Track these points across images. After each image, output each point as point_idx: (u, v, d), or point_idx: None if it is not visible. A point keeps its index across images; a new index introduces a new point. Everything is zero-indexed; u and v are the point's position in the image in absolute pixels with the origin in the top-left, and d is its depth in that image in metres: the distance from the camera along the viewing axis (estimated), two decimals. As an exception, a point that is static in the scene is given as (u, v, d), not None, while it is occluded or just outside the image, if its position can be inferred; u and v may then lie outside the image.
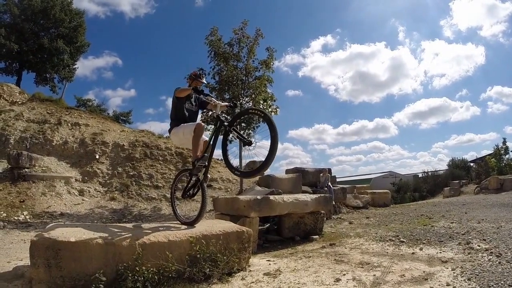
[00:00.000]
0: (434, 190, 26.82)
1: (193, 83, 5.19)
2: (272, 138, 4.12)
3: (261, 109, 4.33)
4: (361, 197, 15.67)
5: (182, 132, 4.98)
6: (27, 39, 22.83)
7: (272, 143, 4.12)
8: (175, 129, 5.07)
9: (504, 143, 25.33)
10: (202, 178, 4.90)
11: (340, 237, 7.63)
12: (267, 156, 4.16)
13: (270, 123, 4.22)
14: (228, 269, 4.28)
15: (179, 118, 5.08)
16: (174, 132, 5.09)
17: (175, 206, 5.46)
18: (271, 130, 4.16)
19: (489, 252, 5.02)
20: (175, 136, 5.14)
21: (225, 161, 4.83)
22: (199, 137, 4.82)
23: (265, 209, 7.06)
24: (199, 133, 4.81)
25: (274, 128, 4.16)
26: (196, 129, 4.80)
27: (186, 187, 5.23)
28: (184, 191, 5.23)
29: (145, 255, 3.80)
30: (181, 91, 4.89)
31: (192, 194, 5.16)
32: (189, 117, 5.13)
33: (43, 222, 10.24)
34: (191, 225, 4.83)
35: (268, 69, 13.83)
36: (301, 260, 5.33)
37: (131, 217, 12.12)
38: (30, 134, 15.89)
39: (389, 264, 4.77)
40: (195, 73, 5.37)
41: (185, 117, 5.08)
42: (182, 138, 5.05)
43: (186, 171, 5.40)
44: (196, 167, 4.81)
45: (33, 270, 3.53)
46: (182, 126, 5.00)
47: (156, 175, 15.34)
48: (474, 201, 14.73)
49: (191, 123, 4.97)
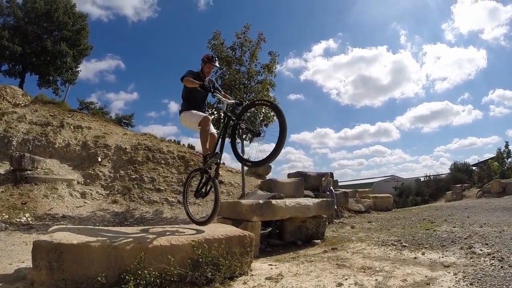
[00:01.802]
0: (436, 194, 26.73)
1: (205, 67, 5.19)
2: (280, 124, 4.08)
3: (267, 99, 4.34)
4: (363, 201, 15.66)
5: (189, 120, 5.12)
6: (31, 42, 22.87)
7: (281, 129, 4.07)
8: (185, 113, 5.17)
9: (507, 146, 25.20)
10: (214, 175, 4.84)
11: (342, 242, 7.62)
12: (276, 143, 4.11)
13: (276, 109, 4.20)
14: (230, 273, 4.27)
15: (189, 99, 5.18)
16: (183, 116, 5.20)
17: (187, 206, 5.36)
18: (278, 115, 4.12)
19: (491, 257, 5.00)
20: (184, 119, 5.23)
21: (234, 153, 4.85)
22: (206, 130, 4.87)
23: (267, 213, 7.07)
24: (205, 127, 4.86)
25: (281, 113, 4.11)
26: (202, 123, 4.88)
27: (198, 186, 5.17)
28: (197, 190, 5.17)
29: (147, 258, 3.80)
30: (189, 83, 4.86)
31: (205, 193, 5.08)
32: (200, 98, 5.24)
33: (45, 224, 10.24)
34: (204, 224, 4.83)
35: (270, 73, 13.79)
36: (303, 265, 5.32)
37: (132, 220, 12.12)
38: (33, 136, 15.91)
39: (391, 269, 4.75)
40: (207, 56, 5.24)
41: (195, 99, 5.18)
42: (189, 124, 5.20)
43: (198, 170, 5.32)
44: (208, 163, 4.82)
45: (35, 272, 3.54)
46: (191, 113, 5.08)
47: (158, 178, 15.33)
48: (476, 205, 14.70)
49: (199, 114, 5.02)
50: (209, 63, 5.17)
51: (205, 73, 5.22)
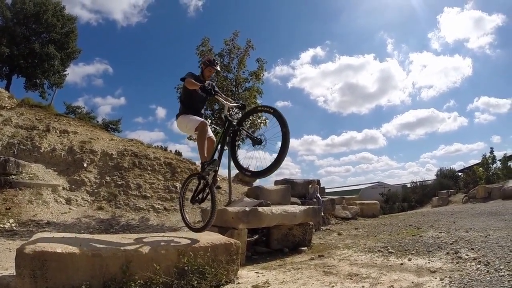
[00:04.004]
0: (423, 200, 27.08)
1: (206, 70, 5.10)
2: (283, 135, 4.01)
3: (270, 105, 4.24)
4: (350, 208, 15.77)
5: (186, 124, 5.04)
6: (19, 43, 22.52)
7: (283, 140, 4.00)
8: (182, 117, 5.07)
9: (492, 152, 25.86)
10: (211, 182, 4.76)
11: (329, 249, 7.64)
12: (278, 154, 4.06)
13: (280, 119, 4.08)
14: (216, 282, 4.25)
15: (188, 102, 5.09)
16: (180, 120, 5.10)
17: (184, 212, 5.22)
18: (282, 125, 4.02)
19: (477, 261, 5.04)
20: (180, 124, 5.15)
21: (234, 161, 4.76)
22: (203, 136, 4.78)
23: (254, 221, 7.04)
24: (202, 132, 4.77)
25: (285, 124, 4.02)
26: (198, 128, 4.77)
27: (195, 191, 5.08)
28: (193, 196, 5.08)
29: (133, 267, 3.77)
30: (190, 84, 4.76)
31: (201, 199, 5.00)
32: (199, 102, 5.19)
33: (29, 230, 10.03)
34: (200, 231, 4.78)
35: (258, 80, 13.82)
36: (290, 272, 5.32)
37: (118, 227, 11.94)
38: (18, 140, 15.60)
39: (378, 275, 4.78)
40: (208, 59, 5.17)
41: (194, 103, 5.10)
42: (185, 129, 5.19)
43: (195, 175, 5.22)
44: (206, 171, 4.72)
45: (19, 280, 3.48)
46: (188, 117, 4.98)
47: (144, 185, 15.16)
48: (462, 210, 14.94)
49: (196, 119, 4.91)
50: (210, 66, 5.07)
51: (205, 77, 5.12)
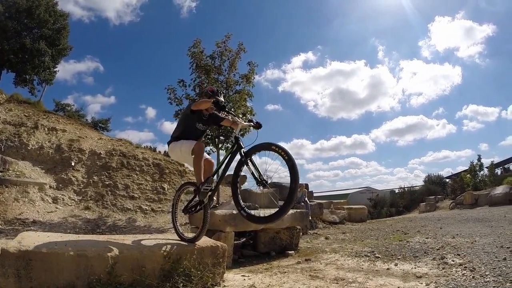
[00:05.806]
0: (411, 206, 27.28)
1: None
2: (291, 189, 3.68)
3: (286, 149, 3.94)
4: (338, 212, 15.85)
5: (179, 149, 4.67)
6: (9, 38, 22.07)
7: (290, 193, 3.70)
8: (173, 144, 4.73)
9: (479, 159, 26.07)
10: (207, 201, 4.49)
11: (315, 253, 7.68)
12: (283, 205, 3.79)
13: (292, 170, 3.72)
14: (202, 285, 4.23)
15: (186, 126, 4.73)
16: (172, 147, 4.77)
17: (175, 220, 4.96)
18: (292, 179, 3.70)
19: (463, 267, 5.11)
20: (173, 151, 4.82)
21: (233, 196, 4.30)
22: (200, 158, 4.43)
23: (241, 224, 7.03)
24: (199, 155, 4.43)
25: (296, 178, 3.69)
26: (194, 150, 4.45)
27: (189, 203, 4.86)
28: (186, 207, 4.86)
29: (118, 268, 3.74)
30: (201, 103, 4.49)
31: (194, 211, 4.76)
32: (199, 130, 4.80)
33: (14, 229, 9.90)
34: (192, 242, 4.59)
35: (248, 84, 13.81)
36: (276, 276, 5.34)
37: (105, 227, 11.82)
38: (5, 136, 15.34)
39: (364, 280, 4.82)
40: (211, 89, 4.80)
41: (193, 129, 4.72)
42: (180, 155, 4.79)
43: (189, 184, 4.96)
44: (201, 192, 4.38)
45: (2, 280, 3.43)
46: (180, 142, 4.65)
47: (132, 185, 15.07)
48: (449, 216, 15.12)
49: (190, 141, 4.57)
50: (214, 97, 4.53)
51: (208, 109, 4.69)
